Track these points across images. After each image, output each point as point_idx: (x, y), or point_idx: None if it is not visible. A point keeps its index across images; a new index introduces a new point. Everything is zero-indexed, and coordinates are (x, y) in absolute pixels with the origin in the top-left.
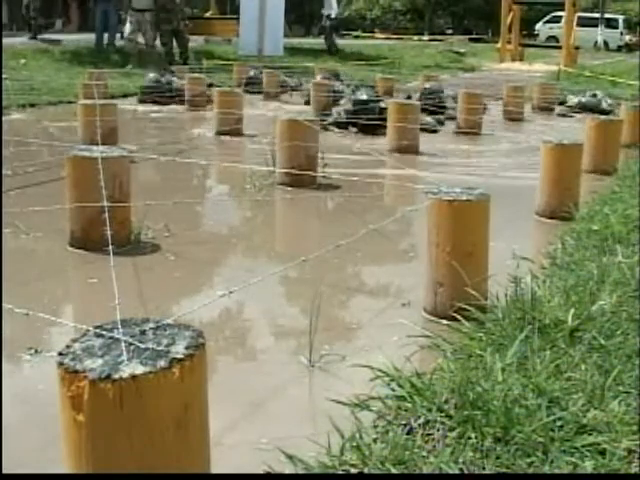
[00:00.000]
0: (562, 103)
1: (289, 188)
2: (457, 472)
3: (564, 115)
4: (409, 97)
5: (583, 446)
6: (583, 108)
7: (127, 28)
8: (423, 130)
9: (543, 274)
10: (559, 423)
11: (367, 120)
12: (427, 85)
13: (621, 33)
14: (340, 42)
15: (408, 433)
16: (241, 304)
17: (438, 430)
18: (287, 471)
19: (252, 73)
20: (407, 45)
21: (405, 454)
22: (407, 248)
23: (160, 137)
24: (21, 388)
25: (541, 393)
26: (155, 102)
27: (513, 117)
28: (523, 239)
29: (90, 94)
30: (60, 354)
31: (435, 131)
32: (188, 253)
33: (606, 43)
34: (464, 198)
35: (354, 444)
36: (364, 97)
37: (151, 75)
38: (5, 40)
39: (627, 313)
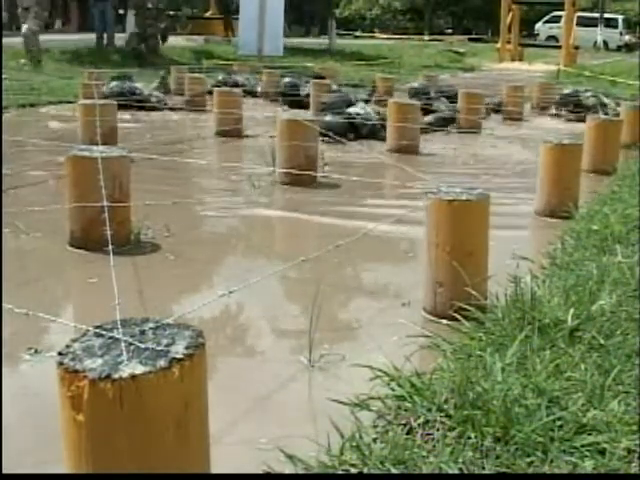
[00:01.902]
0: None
1: (289, 187)
2: (457, 472)
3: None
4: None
5: (583, 446)
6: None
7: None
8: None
9: (543, 274)
10: (559, 423)
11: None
12: (415, 84)
13: (621, 33)
14: (340, 42)
15: (408, 433)
16: (241, 304)
17: (438, 430)
18: (287, 471)
19: (220, 77)
20: (407, 45)
21: (405, 454)
22: (407, 248)
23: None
24: (21, 388)
25: (541, 393)
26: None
27: (513, 117)
28: (523, 238)
29: (90, 94)
30: (60, 354)
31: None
32: (188, 253)
33: (606, 43)
34: (464, 198)
35: (354, 444)
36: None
37: (113, 83)
38: (5, 40)
39: (627, 313)
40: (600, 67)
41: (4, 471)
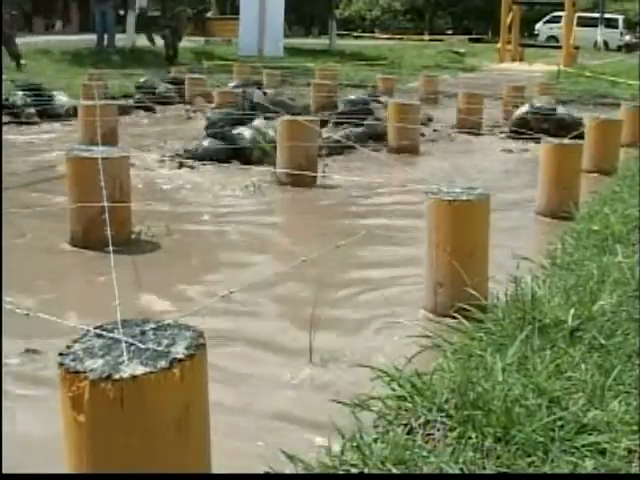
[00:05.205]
0: None
1: (289, 187)
2: (457, 472)
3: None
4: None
5: (583, 446)
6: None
7: None
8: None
9: (543, 274)
10: (559, 423)
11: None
12: (352, 96)
13: (621, 33)
14: (340, 42)
15: (409, 433)
16: (242, 303)
17: (438, 430)
18: (287, 471)
19: (142, 79)
20: (407, 45)
21: (405, 454)
22: (407, 247)
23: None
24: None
25: (541, 393)
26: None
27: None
28: (523, 238)
29: (90, 94)
30: (61, 354)
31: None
32: (188, 253)
33: (606, 43)
34: (464, 198)
35: (355, 444)
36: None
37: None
38: None
39: (627, 313)
40: (600, 67)
41: (4, 471)
